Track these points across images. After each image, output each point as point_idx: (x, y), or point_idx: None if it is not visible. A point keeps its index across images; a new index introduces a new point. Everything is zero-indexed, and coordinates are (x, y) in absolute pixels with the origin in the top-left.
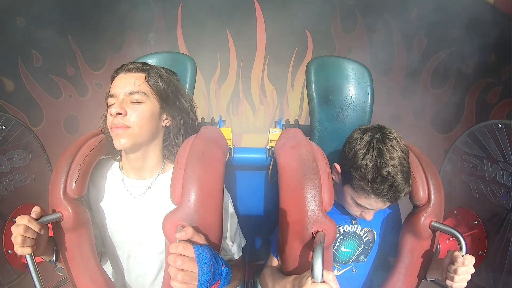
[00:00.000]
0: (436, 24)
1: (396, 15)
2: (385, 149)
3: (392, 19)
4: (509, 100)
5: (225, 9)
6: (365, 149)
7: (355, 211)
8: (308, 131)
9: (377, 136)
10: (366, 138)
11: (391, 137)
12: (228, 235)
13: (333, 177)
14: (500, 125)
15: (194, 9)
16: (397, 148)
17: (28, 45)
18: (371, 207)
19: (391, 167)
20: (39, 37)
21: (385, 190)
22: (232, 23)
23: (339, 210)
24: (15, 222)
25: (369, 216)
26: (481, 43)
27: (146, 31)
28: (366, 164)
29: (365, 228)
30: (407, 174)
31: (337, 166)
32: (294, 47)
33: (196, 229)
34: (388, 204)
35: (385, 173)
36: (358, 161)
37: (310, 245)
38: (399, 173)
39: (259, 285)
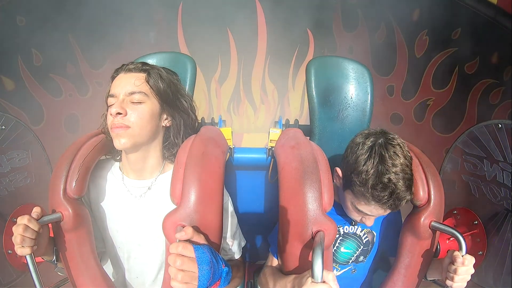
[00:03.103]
0: (438, 24)
1: (398, 15)
2: (387, 155)
3: (394, 18)
4: (510, 101)
5: (226, 8)
6: (367, 155)
7: (356, 216)
8: (308, 131)
9: (380, 141)
10: (368, 143)
11: (394, 143)
12: (228, 235)
13: (334, 180)
14: (500, 125)
15: (195, 7)
16: (399, 155)
17: (28, 44)
18: (371, 213)
19: (393, 174)
20: (39, 36)
21: (386, 197)
22: (233, 22)
23: (340, 211)
24: (15, 222)
25: (369, 222)
26: (484, 44)
27: (146, 29)
28: (367, 170)
29: (365, 229)
30: (409, 181)
31: (339, 170)
32: (295, 46)
33: (196, 229)
34: (388, 211)
35: (386, 180)
36: (359, 166)
37: (310, 245)
38: (400, 180)
39: (259, 285)
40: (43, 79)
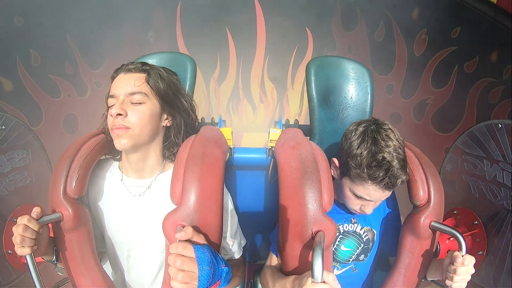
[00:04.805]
0: (437, 22)
1: (397, 14)
2: (379, 137)
3: (393, 17)
4: (510, 100)
5: (224, 7)
6: (360, 139)
7: (355, 204)
8: (308, 131)
9: (372, 127)
10: (361, 129)
11: (385, 127)
12: (228, 235)
13: (332, 172)
14: (500, 125)
15: (194, 7)
16: (392, 137)
17: (26, 44)
18: (369, 197)
19: (387, 153)
20: (37, 36)
21: (381, 175)
22: (231, 21)
23: (339, 209)
24: (15, 222)
25: (368, 210)
26: (483, 43)
27: (145, 29)
28: (361, 152)
29: (365, 227)
30: (403, 162)
31: (335, 161)
32: (294, 45)
33: (196, 229)
34: (386, 193)
35: (380, 158)
36: (353, 150)
37: (310, 245)
38: (395, 159)
39: (259, 285)
40: (42, 80)
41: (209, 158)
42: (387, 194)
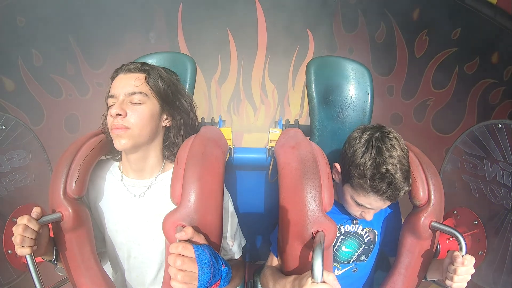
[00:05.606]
0: (438, 24)
1: (398, 15)
2: (384, 147)
3: (393, 18)
4: (510, 101)
5: (226, 8)
6: (364, 148)
7: (355, 211)
8: (308, 131)
9: (377, 135)
10: (365, 136)
11: (390, 136)
12: (228, 235)
13: (333, 176)
14: (500, 125)
15: (195, 8)
16: (396, 147)
17: (28, 44)
18: (371, 206)
19: (390, 165)
20: (39, 36)
21: (384, 187)
22: (233, 22)
23: (340, 209)
24: (15, 222)
25: (369, 216)
26: (483, 44)
27: (146, 30)
28: (365, 162)
29: (366, 228)
30: (407, 173)
31: (337, 166)
32: (295, 46)
33: (196, 229)
34: (387, 203)
35: (383, 170)
36: (357, 159)
37: (310, 245)
38: (398, 171)
39: (259, 285)
40: (43, 80)
41: (209, 158)
42: (388, 203)
